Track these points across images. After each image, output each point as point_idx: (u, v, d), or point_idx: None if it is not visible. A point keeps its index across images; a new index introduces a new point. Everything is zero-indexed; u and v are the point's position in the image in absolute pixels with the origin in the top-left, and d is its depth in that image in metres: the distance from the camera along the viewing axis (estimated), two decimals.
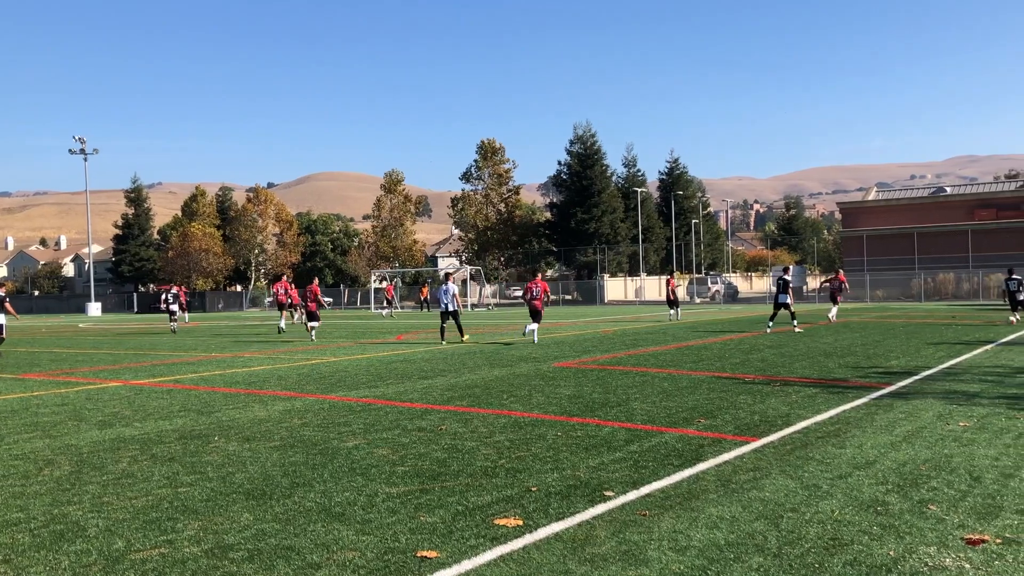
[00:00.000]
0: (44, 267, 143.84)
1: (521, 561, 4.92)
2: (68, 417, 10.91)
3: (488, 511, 5.96)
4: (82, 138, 72.71)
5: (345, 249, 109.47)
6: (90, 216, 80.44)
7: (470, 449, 8.15)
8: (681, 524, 5.56)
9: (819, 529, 5.41)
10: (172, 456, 8.21)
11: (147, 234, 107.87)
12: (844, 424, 9.06)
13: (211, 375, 16.06)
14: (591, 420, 9.67)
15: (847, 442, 8.09)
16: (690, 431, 8.83)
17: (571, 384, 13.10)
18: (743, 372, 14.22)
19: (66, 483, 7.15)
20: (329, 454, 8.09)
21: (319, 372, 15.98)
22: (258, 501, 6.40)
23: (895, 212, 68.13)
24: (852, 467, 7.07)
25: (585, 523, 5.63)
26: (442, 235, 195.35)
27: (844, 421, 9.25)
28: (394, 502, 6.27)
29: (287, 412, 10.89)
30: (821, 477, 6.74)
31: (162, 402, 12.21)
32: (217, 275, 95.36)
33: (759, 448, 7.91)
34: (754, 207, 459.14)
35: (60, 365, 19.28)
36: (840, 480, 6.64)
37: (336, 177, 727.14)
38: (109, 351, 23.84)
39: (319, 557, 5.08)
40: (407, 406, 11.16)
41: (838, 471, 6.93)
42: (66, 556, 5.21)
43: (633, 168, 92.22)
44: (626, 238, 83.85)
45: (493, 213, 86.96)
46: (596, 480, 6.77)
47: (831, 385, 12.35)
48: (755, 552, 5.00)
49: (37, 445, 8.95)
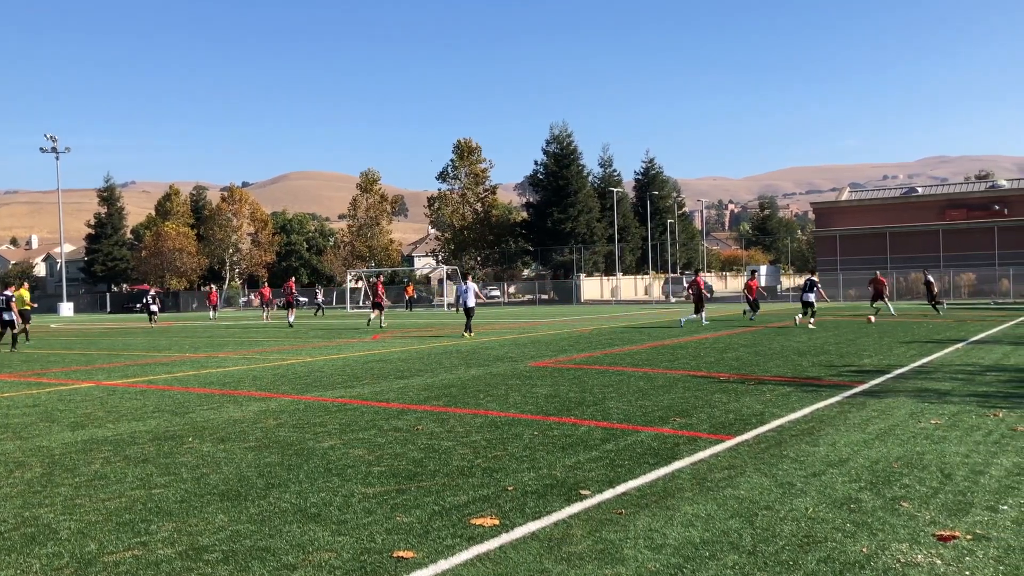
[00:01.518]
0: (15, 267, 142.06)
1: (498, 561, 4.92)
2: (40, 418, 10.78)
3: (464, 511, 5.96)
4: (53, 136, 71.93)
5: (321, 249, 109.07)
6: (62, 215, 79.55)
7: (446, 449, 8.14)
8: (657, 522, 5.58)
9: (793, 527, 5.45)
10: (146, 457, 8.13)
11: (120, 233, 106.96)
12: (818, 422, 9.13)
13: (185, 375, 15.94)
14: (567, 419, 9.69)
15: (821, 440, 8.15)
16: (666, 430, 8.87)
17: (547, 383, 13.11)
18: (718, 371, 14.30)
19: (37, 485, 7.07)
20: (305, 455, 8.05)
21: (294, 372, 15.90)
22: (233, 502, 6.36)
23: (868, 212, 68.83)
24: (826, 465, 7.13)
25: (561, 522, 5.64)
26: (418, 235, 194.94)
27: (818, 419, 9.33)
28: (370, 502, 6.25)
29: (262, 413, 10.82)
30: (795, 475, 6.79)
31: (135, 403, 12.09)
32: (191, 275, 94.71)
33: (734, 446, 7.95)
34: (729, 207, 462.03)
35: (31, 366, 19.05)
36: (814, 478, 6.69)
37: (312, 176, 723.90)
38: (82, 351, 23.59)
39: (295, 558, 5.05)
40: (383, 406, 11.13)
41: (812, 469, 6.99)
42: (37, 559, 5.15)
43: (609, 168, 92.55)
44: (602, 238, 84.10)
45: (470, 213, 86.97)
46: (572, 479, 6.78)
47: (805, 384, 12.44)
48: (730, 550, 5.03)
49: (8, 447, 8.84)
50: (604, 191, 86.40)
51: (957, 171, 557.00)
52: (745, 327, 27.03)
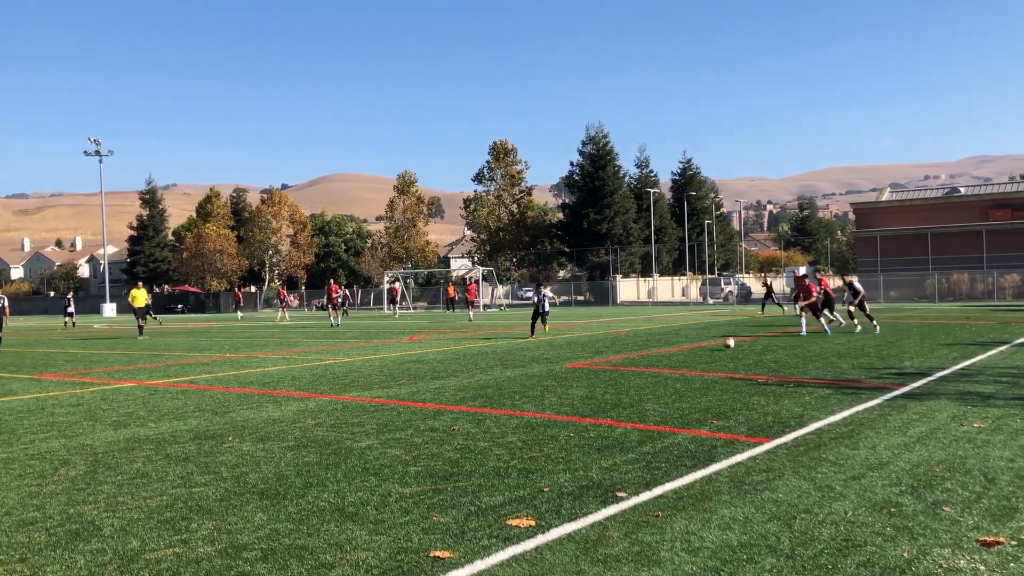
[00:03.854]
0: (60, 268, 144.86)
1: (533, 561, 4.92)
2: (83, 417, 10.98)
3: (500, 511, 5.97)
4: (97, 140, 73.21)
5: (358, 250, 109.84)
6: (105, 217, 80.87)
7: (482, 449, 8.16)
8: (694, 525, 5.55)
9: (832, 530, 5.40)
10: (186, 456, 8.25)
11: (162, 235, 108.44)
12: (858, 425, 9.03)
13: (225, 375, 16.13)
14: (604, 421, 9.67)
15: (860, 443, 8.06)
16: (703, 432, 8.82)
17: (583, 385, 13.09)
18: (756, 373, 14.18)
19: (81, 483, 7.20)
20: (342, 454, 8.12)
21: (332, 372, 16.03)
22: (272, 501, 6.43)
23: (909, 212, 67.87)
24: (866, 468, 7.04)
25: (597, 524, 5.63)
26: (454, 236, 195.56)
27: (858, 422, 9.22)
28: (407, 502, 6.29)
29: (301, 412, 10.93)
30: (834, 478, 6.72)
31: (176, 402, 12.27)
32: (231, 276, 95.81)
33: (772, 449, 7.89)
34: (767, 208, 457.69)
35: (75, 366, 19.40)
36: (853, 481, 6.62)
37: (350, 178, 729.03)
38: (124, 352, 23.97)
39: (332, 557, 5.10)
40: (420, 406, 11.18)
41: (851, 472, 6.91)
42: (82, 555, 5.25)
43: (645, 169, 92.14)
44: (638, 239, 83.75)
45: (505, 214, 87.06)
46: (609, 481, 6.77)
47: (845, 386, 12.30)
48: (768, 553, 4.99)
49: (53, 445, 9.02)
50: (640, 192, 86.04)
51: (1001, 171, 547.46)
52: (783, 329, 26.75)
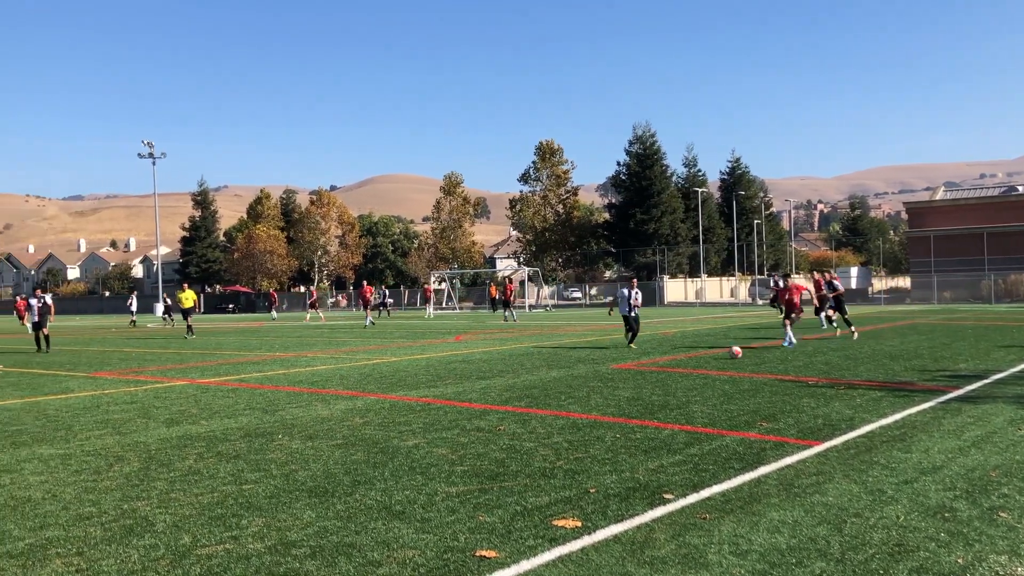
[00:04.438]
0: (114, 268, 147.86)
1: (580, 562, 4.91)
2: (137, 415, 11.20)
3: (546, 512, 5.97)
4: (150, 142, 74.44)
5: (405, 251, 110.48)
6: (158, 218, 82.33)
7: (528, 450, 8.16)
8: (742, 528, 5.50)
9: (884, 535, 5.31)
10: (237, 454, 8.38)
11: (213, 236, 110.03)
12: (910, 428, 8.87)
13: (275, 374, 16.34)
14: (650, 422, 9.62)
15: (913, 446, 7.92)
16: (751, 434, 8.73)
17: (630, 386, 13.03)
18: (806, 375, 14.00)
19: (135, 479, 7.35)
20: (389, 453, 8.18)
21: (380, 372, 16.15)
22: (320, 499, 6.50)
23: (964, 212, 66.37)
24: (918, 472, 6.91)
25: (644, 525, 5.61)
26: (500, 236, 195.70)
27: (910, 425, 9.05)
28: (453, 501, 6.32)
29: (349, 411, 11.03)
30: (886, 482, 6.61)
31: (227, 401, 12.46)
32: (281, 276, 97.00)
33: (822, 452, 7.78)
34: (818, 207, 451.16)
35: (129, 364, 19.79)
36: (906, 485, 6.50)
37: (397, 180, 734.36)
38: (176, 351, 24.40)
39: (380, 555, 5.14)
40: (466, 406, 11.22)
41: (904, 476, 6.79)
42: (135, 550, 5.35)
43: (693, 168, 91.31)
44: (686, 239, 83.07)
45: (551, 214, 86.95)
46: (655, 482, 6.73)
47: (897, 388, 12.09)
48: (817, 557, 4.93)
49: (108, 442, 9.21)
50: (688, 191, 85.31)
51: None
52: (834, 330, 26.35)
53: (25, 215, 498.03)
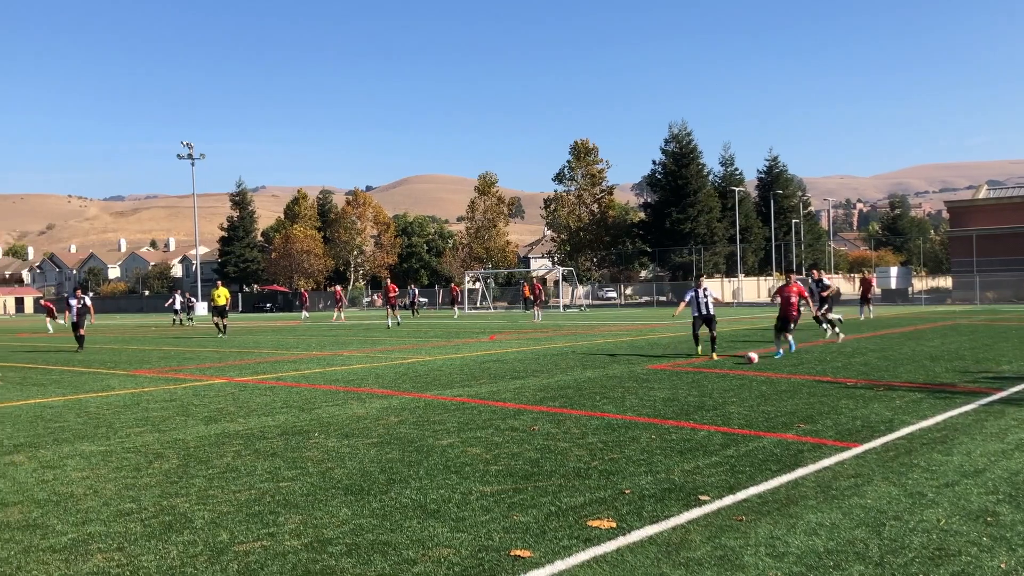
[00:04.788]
0: (154, 268, 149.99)
1: (615, 563, 4.90)
2: (176, 412, 11.35)
3: (581, 512, 5.96)
4: (189, 143, 75.54)
5: (440, 250, 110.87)
6: (197, 219, 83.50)
7: (563, 450, 8.16)
8: (779, 530, 5.45)
9: (924, 538, 5.23)
10: (274, 451, 8.46)
11: (251, 236, 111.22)
12: (951, 431, 8.73)
13: (311, 373, 16.48)
14: (686, 423, 9.56)
15: (954, 449, 7.79)
16: (789, 436, 8.65)
17: (665, 387, 12.97)
18: (845, 376, 13.83)
19: (174, 476, 7.45)
20: (424, 451, 8.22)
21: (415, 371, 16.22)
22: (356, 496, 6.55)
23: (1008, 210, 65.14)
24: (960, 475, 6.81)
25: (680, 527, 5.58)
26: (535, 236, 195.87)
27: (951, 427, 8.91)
28: (488, 501, 6.33)
29: (384, 410, 11.09)
30: (926, 485, 6.51)
31: (265, 399, 12.59)
32: (318, 276, 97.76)
33: (861, 454, 7.69)
34: (857, 206, 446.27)
35: (168, 362, 20.06)
36: (947, 488, 6.40)
37: (432, 180, 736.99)
38: (215, 349, 24.69)
39: (415, 553, 5.16)
40: (500, 406, 11.24)
41: (944, 479, 6.69)
42: (174, 546, 5.43)
43: (730, 167, 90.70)
44: (723, 238, 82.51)
45: (586, 214, 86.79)
46: (691, 484, 6.69)
47: (938, 390, 11.91)
48: (856, 560, 4.87)
49: (147, 439, 9.35)
50: (725, 190, 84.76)
51: None
52: (874, 331, 26.04)
53: (67, 215, 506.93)
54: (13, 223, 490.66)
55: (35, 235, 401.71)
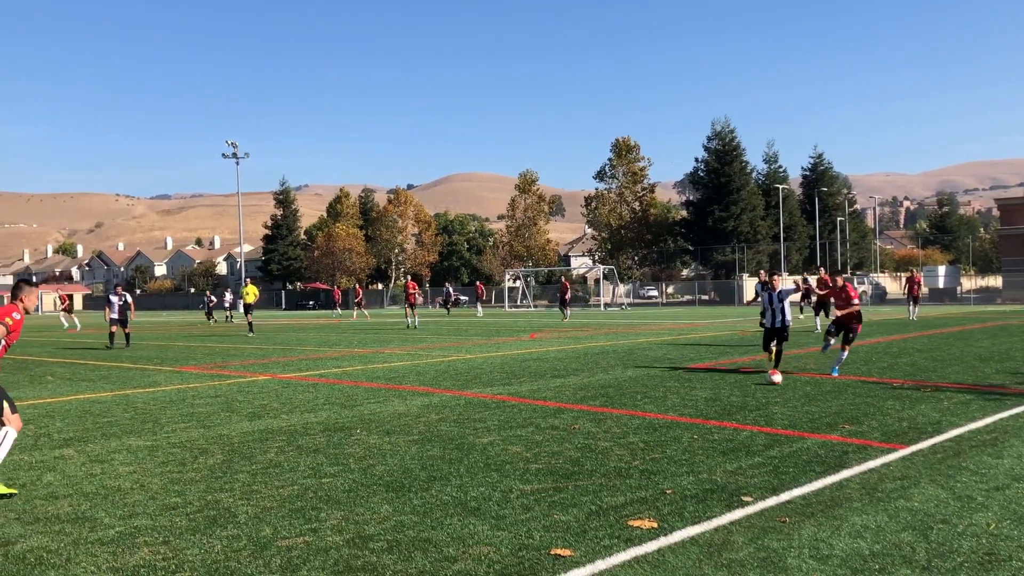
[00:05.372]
0: (199, 265, 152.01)
1: (656, 564, 4.87)
2: (221, 408, 11.50)
3: (622, 512, 5.93)
4: (234, 143, 76.25)
5: (480, 248, 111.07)
6: (241, 217, 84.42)
7: (603, 449, 8.13)
8: (823, 532, 5.38)
9: (973, 543, 5.13)
10: (316, 448, 8.53)
11: (294, 234, 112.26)
12: (1001, 433, 8.55)
13: (354, 370, 16.60)
14: (728, 424, 9.48)
15: (1004, 452, 7.63)
16: (834, 437, 8.54)
17: (708, 386, 12.87)
18: (891, 377, 13.62)
19: (218, 471, 7.54)
20: (465, 449, 8.23)
21: (455, 369, 16.27)
22: (397, 493, 6.58)
23: None
24: (1010, 478, 6.66)
25: (722, 528, 5.53)
26: (575, 234, 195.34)
27: (1001, 430, 8.73)
28: (528, 499, 6.32)
29: (425, 407, 11.14)
30: (975, 488, 6.39)
31: (307, 395, 12.70)
32: (360, 273, 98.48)
33: (907, 456, 7.56)
34: (904, 204, 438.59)
35: (213, 359, 20.34)
36: (996, 492, 6.27)
37: (472, 178, 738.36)
38: (258, 346, 24.98)
39: (455, 551, 5.18)
40: (541, 404, 11.23)
41: (994, 482, 6.55)
42: (219, 541, 5.49)
43: (774, 164, 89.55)
44: (766, 236, 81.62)
45: (627, 212, 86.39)
46: (733, 484, 6.63)
47: (987, 392, 11.67)
48: (902, 564, 4.79)
49: (193, 434, 9.48)
50: (769, 188, 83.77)
51: None
52: (921, 331, 25.60)
53: (115, 214, 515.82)
54: (63, 222, 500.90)
55: (84, 233, 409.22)
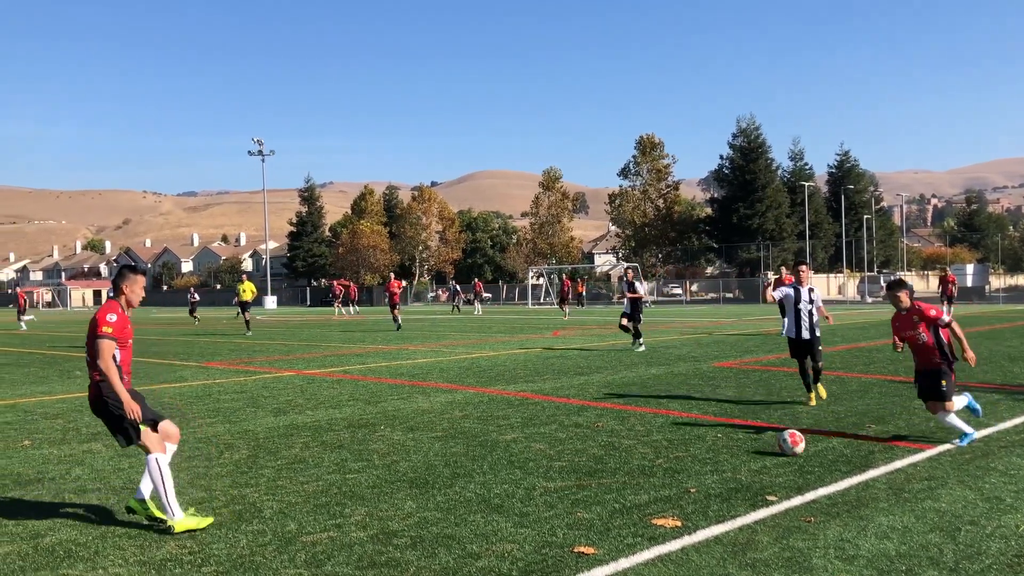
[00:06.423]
0: (225, 262, 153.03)
1: (679, 562, 4.85)
2: (246, 404, 11.59)
3: (645, 510, 5.92)
4: (260, 140, 76.69)
5: (504, 246, 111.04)
6: (267, 214, 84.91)
7: (627, 447, 8.11)
8: (849, 532, 5.34)
9: (1002, 544, 5.07)
10: (341, 443, 8.57)
11: (319, 231, 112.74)
12: None
13: (377, 366, 16.66)
14: (753, 422, 9.43)
15: None
16: (859, 436, 8.47)
17: (732, 385, 12.80)
18: None
19: (244, 466, 7.60)
20: (488, 446, 8.24)
21: (478, 366, 16.29)
22: (421, 490, 6.60)
23: None
24: None
25: (746, 527, 5.50)
26: (599, 231, 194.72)
27: None
28: (551, 497, 6.32)
29: (448, 404, 11.16)
30: (1004, 489, 6.31)
31: (332, 391, 12.77)
32: (384, 271, 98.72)
33: (934, 456, 7.49)
34: (931, 202, 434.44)
35: (239, 355, 20.48)
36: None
37: (496, 175, 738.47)
38: (283, 342, 25.13)
39: (479, 547, 5.18)
40: (564, 402, 11.22)
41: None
42: (244, 535, 5.53)
43: (800, 161, 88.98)
44: (792, 234, 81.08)
45: (651, 209, 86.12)
46: (758, 484, 6.59)
47: (1016, 391, 11.54)
48: (929, 565, 4.74)
49: (218, 429, 9.55)
50: (794, 185, 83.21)
51: None
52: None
53: (143, 210, 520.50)
54: (91, 218, 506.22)
55: (112, 230, 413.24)
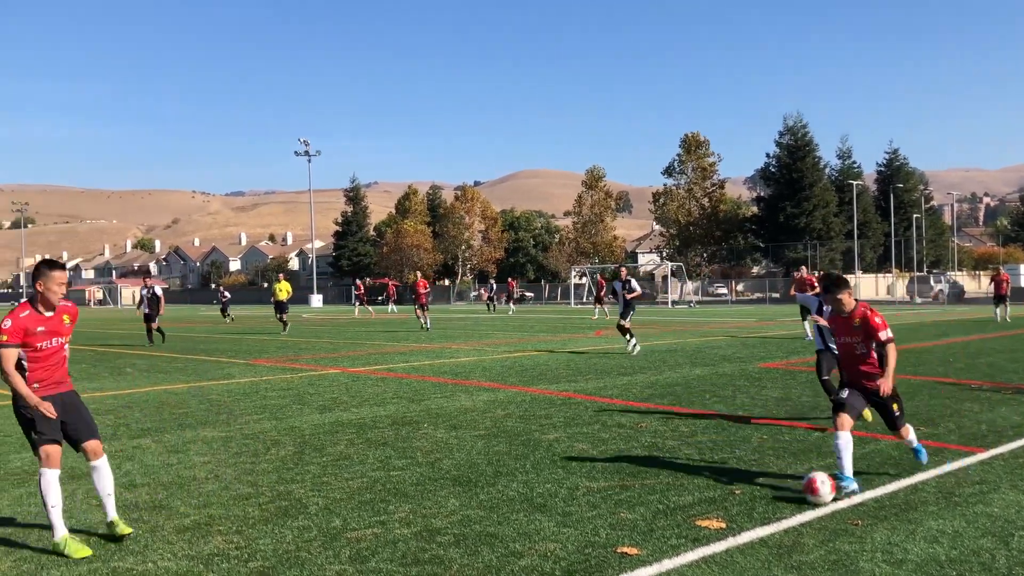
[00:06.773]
0: (272, 261, 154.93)
1: (724, 564, 4.81)
2: (292, 401, 11.72)
3: (690, 511, 5.88)
4: (306, 141, 77.53)
5: (546, 245, 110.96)
6: (313, 214, 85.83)
7: (671, 448, 8.06)
8: (897, 536, 5.25)
9: None
10: (385, 441, 8.64)
11: (364, 231, 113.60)
12: None
13: (421, 365, 16.75)
14: (799, 424, 9.32)
15: None
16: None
17: (778, 386, 12.66)
18: (968, 378, 13.21)
19: (290, 462, 7.69)
20: (531, 445, 8.25)
21: (521, 365, 16.30)
22: (464, 488, 6.62)
23: None
24: None
25: (792, 529, 5.44)
26: (642, 231, 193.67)
27: None
28: (594, 497, 6.31)
29: (491, 402, 11.19)
30: None
31: (376, 389, 12.86)
32: (427, 270, 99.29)
33: (986, 460, 7.34)
34: (983, 200, 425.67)
35: (285, 352, 20.72)
36: None
37: (539, 175, 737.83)
38: (329, 340, 25.37)
39: (521, 546, 5.19)
40: (607, 402, 11.18)
41: None
42: (290, 531, 5.60)
43: (848, 160, 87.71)
44: (839, 234, 79.93)
45: (696, 208, 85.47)
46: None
47: None
48: (980, 571, 4.65)
49: (265, 426, 9.68)
50: (842, 184, 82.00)
51: None
52: (1001, 331, 24.79)
53: (191, 210, 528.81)
54: (141, 218, 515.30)
55: (161, 229, 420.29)
